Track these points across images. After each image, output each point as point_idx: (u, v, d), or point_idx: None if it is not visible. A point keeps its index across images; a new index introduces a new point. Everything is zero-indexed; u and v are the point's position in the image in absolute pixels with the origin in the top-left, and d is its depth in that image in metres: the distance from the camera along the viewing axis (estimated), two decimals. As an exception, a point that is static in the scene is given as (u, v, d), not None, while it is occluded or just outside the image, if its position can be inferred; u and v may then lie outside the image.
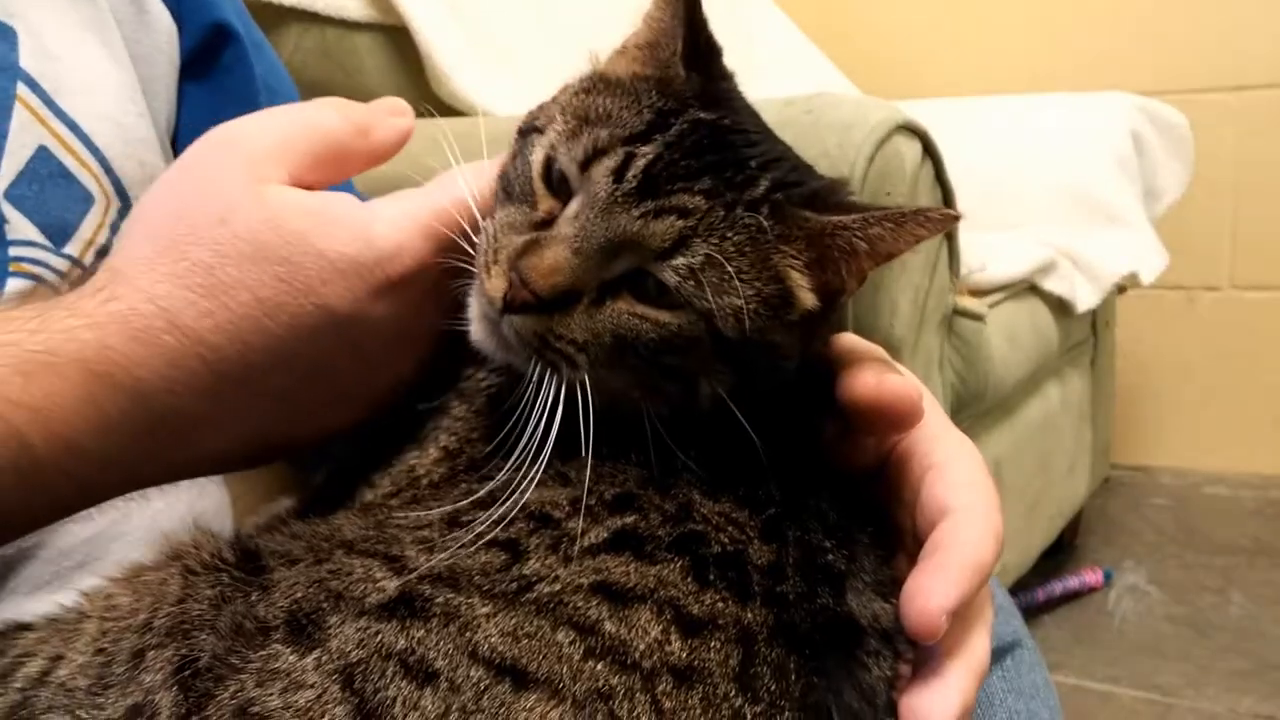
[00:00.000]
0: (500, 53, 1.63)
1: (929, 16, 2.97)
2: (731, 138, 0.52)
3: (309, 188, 0.53)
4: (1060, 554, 2.32)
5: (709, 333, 0.50)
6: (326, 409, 0.55)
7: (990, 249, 1.63)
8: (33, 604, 0.60)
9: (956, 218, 0.52)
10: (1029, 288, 1.77)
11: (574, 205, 0.51)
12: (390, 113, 0.56)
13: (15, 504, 0.45)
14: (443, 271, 0.53)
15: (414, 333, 0.55)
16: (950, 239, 1.29)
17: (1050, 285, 1.79)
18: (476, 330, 0.52)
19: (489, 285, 0.50)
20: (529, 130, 0.55)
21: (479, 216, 0.53)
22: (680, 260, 0.49)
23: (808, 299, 0.52)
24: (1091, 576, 2.19)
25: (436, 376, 0.58)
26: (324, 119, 0.54)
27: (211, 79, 0.82)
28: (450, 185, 0.54)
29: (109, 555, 0.68)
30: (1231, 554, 2.37)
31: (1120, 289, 2.23)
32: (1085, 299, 1.88)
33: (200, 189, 0.51)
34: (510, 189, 0.54)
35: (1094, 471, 2.31)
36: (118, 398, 0.47)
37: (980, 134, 2.11)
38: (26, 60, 0.66)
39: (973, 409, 1.50)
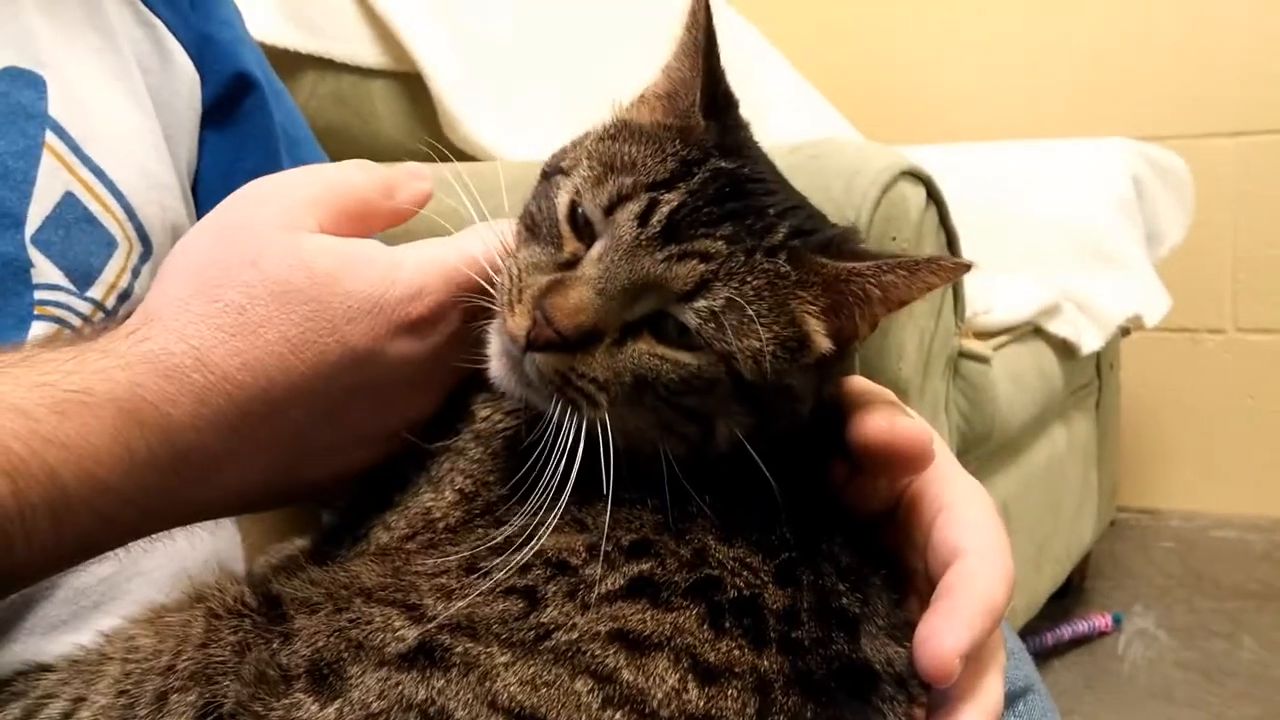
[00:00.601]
0: (512, 99, 1.66)
1: (932, 64, 3.01)
2: (750, 186, 0.54)
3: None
4: (1068, 598, 2.31)
5: (728, 374, 0.50)
6: (343, 451, 0.56)
7: (994, 292, 1.64)
8: (49, 644, 0.61)
9: (967, 266, 0.52)
10: (1033, 330, 1.77)
11: (598, 247, 0.52)
12: (413, 177, 0.59)
13: (47, 544, 0.45)
14: (463, 315, 0.55)
15: (432, 378, 0.56)
16: (955, 282, 1.30)
17: (1055, 328, 1.80)
18: (496, 367, 0.53)
19: (512, 323, 0.51)
20: (553, 172, 0.57)
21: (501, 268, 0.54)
22: (702, 303, 0.50)
23: (823, 343, 0.53)
24: (1100, 621, 2.17)
25: (448, 416, 0.58)
26: (354, 178, 0.57)
27: (232, 127, 0.84)
28: (475, 238, 0.56)
29: (127, 595, 0.68)
30: (1241, 598, 2.35)
31: (1124, 331, 2.24)
32: (1090, 341, 1.88)
33: (235, 235, 0.53)
34: (534, 229, 0.55)
35: (1101, 514, 2.30)
36: (146, 435, 0.48)
37: (983, 179, 2.14)
38: (55, 109, 0.68)
39: (979, 451, 1.50)
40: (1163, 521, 2.82)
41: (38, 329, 0.64)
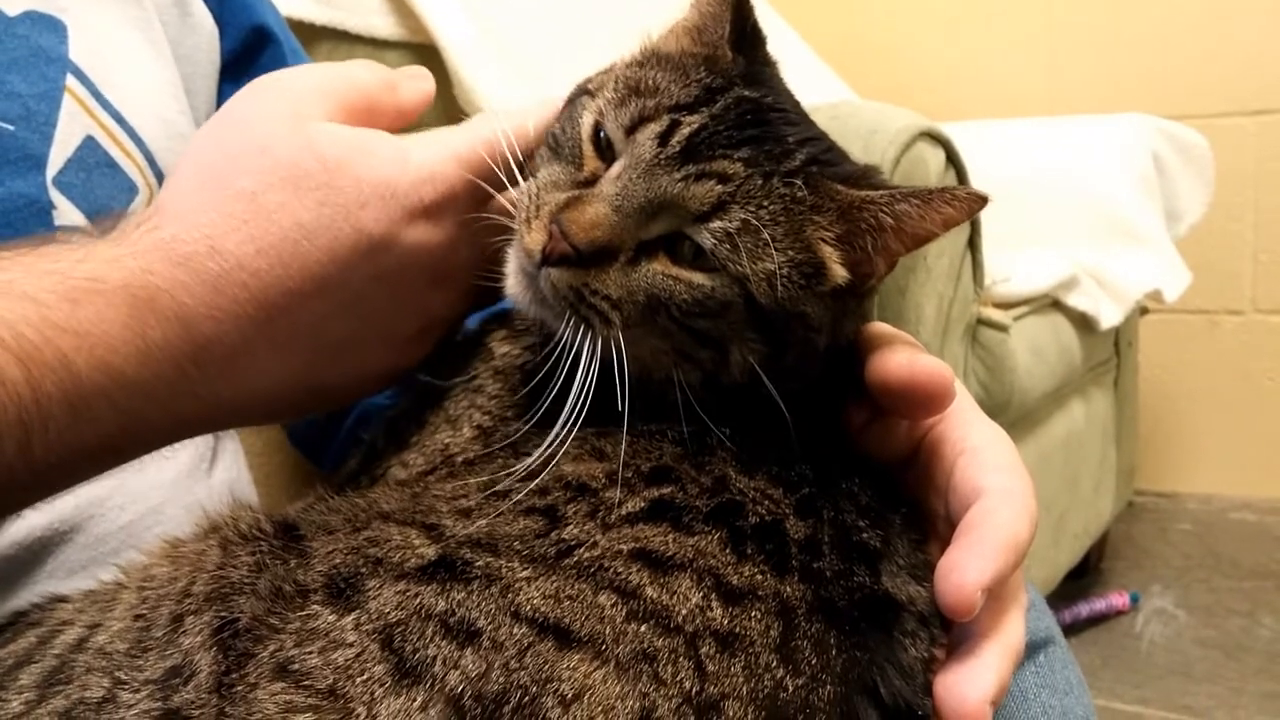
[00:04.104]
0: (527, 71, 1.65)
1: (951, 42, 2.99)
2: (772, 115, 0.54)
3: None
4: (1085, 577, 2.30)
5: (742, 297, 0.50)
6: (365, 348, 0.55)
7: (1014, 264, 1.63)
8: (66, 589, 0.61)
9: (983, 198, 0.51)
10: (1052, 303, 1.77)
11: (617, 166, 0.52)
12: (413, 77, 0.59)
13: (66, 438, 0.45)
14: (481, 227, 0.54)
15: (447, 268, 0.56)
16: (974, 249, 1.29)
17: (1074, 301, 1.79)
18: (513, 284, 0.53)
19: (529, 239, 0.51)
20: (579, 94, 0.57)
21: (512, 160, 0.54)
22: (718, 224, 0.50)
23: (838, 271, 0.52)
24: (1118, 599, 2.17)
25: (464, 354, 0.59)
26: (356, 72, 0.57)
27: (250, 80, 0.84)
28: (485, 125, 0.56)
29: (145, 544, 0.68)
30: (1260, 578, 2.34)
31: (1143, 310, 2.22)
32: (1109, 316, 1.87)
33: (241, 126, 0.53)
34: (558, 149, 0.55)
35: (1119, 493, 2.29)
36: (162, 324, 0.47)
37: (1003, 155, 2.12)
38: (75, 53, 0.68)
39: (998, 420, 1.49)
40: (1180, 504, 2.81)
41: (59, 272, 0.64)
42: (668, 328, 0.51)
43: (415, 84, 0.58)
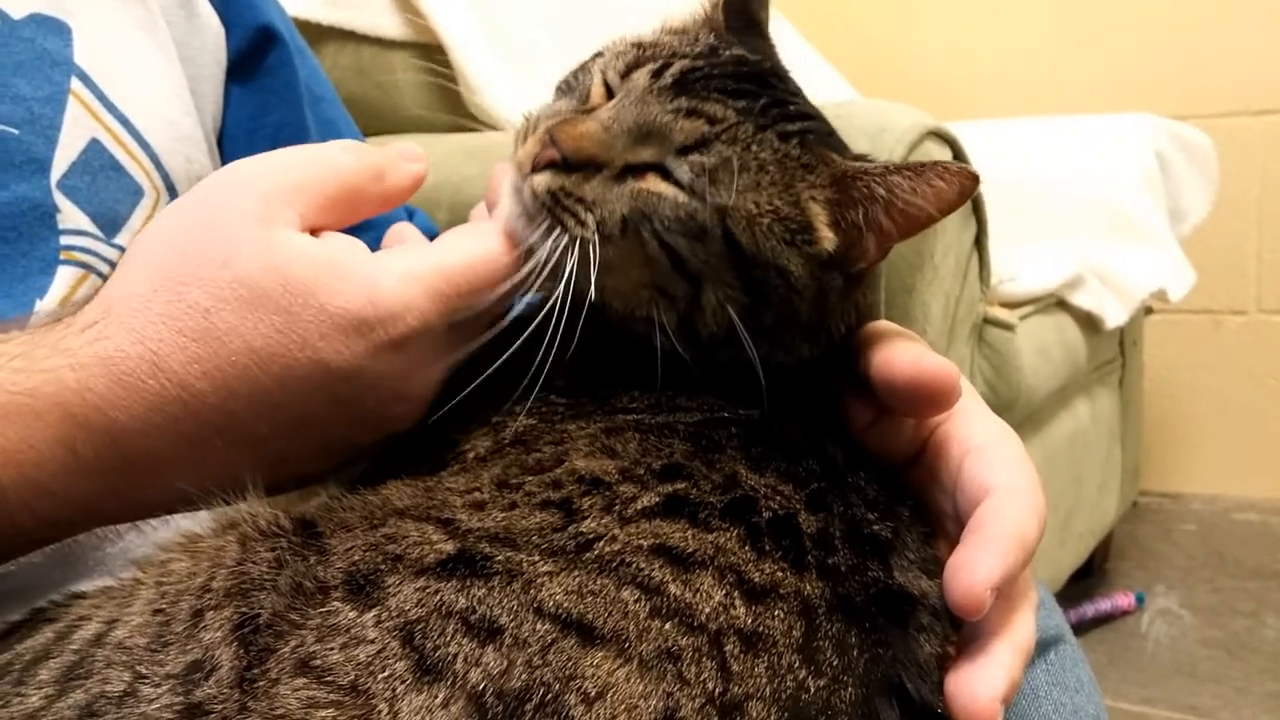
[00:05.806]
0: (533, 71, 1.65)
1: (955, 41, 2.99)
2: (774, 81, 0.56)
3: (321, 229, 0.52)
4: (1090, 578, 2.30)
5: (720, 229, 0.52)
6: (306, 459, 0.53)
7: (1019, 263, 1.63)
8: (84, 586, 0.61)
9: (975, 176, 0.52)
10: (1057, 302, 1.76)
11: (615, 98, 0.55)
12: (404, 158, 0.56)
13: None
14: (446, 320, 0.52)
15: (413, 388, 0.53)
16: (981, 248, 1.29)
17: (1079, 300, 1.79)
18: (503, 205, 0.54)
19: (521, 153, 0.53)
20: (594, 57, 0.60)
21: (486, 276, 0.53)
22: (696, 157, 0.52)
23: (826, 234, 0.53)
24: (1123, 599, 2.16)
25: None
26: (341, 162, 0.54)
27: (256, 81, 0.84)
28: (463, 246, 0.53)
29: (153, 539, 0.68)
30: (1264, 578, 2.34)
31: (1148, 310, 2.22)
32: (1114, 315, 1.87)
33: (207, 226, 0.50)
34: (568, 91, 0.58)
35: (1123, 493, 2.28)
36: (93, 440, 0.47)
37: (1008, 155, 2.11)
38: (80, 56, 0.68)
39: (1004, 419, 1.49)
40: (1184, 505, 2.81)
41: (64, 273, 0.64)
42: (644, 243, 0.52)
43: (405, 168, 0.55)
